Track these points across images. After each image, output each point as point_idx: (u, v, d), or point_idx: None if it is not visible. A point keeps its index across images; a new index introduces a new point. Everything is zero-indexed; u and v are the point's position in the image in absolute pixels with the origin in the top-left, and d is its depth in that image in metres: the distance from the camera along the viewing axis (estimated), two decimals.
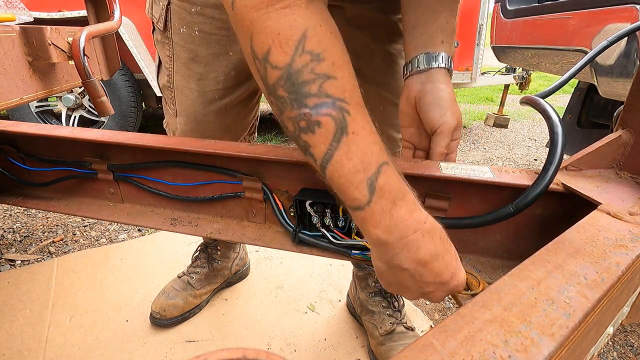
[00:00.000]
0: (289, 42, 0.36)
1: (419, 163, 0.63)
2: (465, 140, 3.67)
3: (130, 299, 1.27)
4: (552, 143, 0.53)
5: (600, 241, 0.41)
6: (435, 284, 0.44)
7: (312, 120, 0.37)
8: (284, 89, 0.37)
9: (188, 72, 0.83)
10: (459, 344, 0.27)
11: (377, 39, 0.80)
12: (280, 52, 0.36)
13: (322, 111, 0.37)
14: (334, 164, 0.38)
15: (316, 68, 0.36)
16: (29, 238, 1.67)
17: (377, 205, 0.40)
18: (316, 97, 0.37)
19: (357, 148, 0.38)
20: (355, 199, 0.40)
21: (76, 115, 2.87)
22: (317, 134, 0.38)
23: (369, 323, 1.12)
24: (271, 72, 0.37)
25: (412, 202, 0.42)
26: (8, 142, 0.87)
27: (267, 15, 0.35)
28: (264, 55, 0.37)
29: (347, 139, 0.38)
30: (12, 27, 0.89)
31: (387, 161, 0.40)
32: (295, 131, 0.39)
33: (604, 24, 1.44)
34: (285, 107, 0.38)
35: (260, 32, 0.36)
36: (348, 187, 0.39)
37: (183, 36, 0.80)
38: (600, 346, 0.45)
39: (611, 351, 1.21)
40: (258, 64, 0.38)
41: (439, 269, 0.43)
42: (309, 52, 0.36)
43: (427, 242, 0.42)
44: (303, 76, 0.36)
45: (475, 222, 0.57)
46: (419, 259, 0.42)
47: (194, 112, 0.86)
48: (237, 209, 0.78)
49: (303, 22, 0.36)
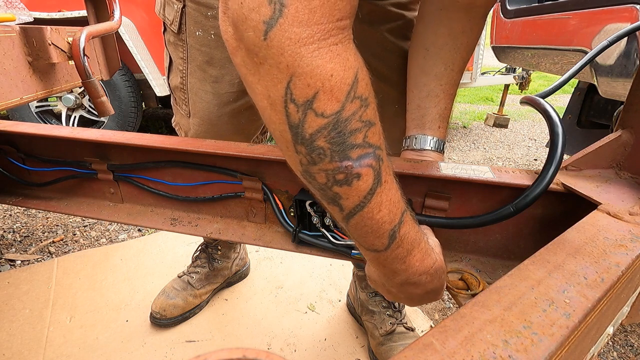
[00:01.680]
0: (342, 87, 0.31)
1: (419, 163, 0.63)
2: (465, 140, 3.67)
3: (130, 299, 1.27)
4: (552, 143, 0.53)
5: (600, 241, 0.41)
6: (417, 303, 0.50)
7: (352, 172, 0.34)
8: (326, 140, 0.32)
9: (203, 74, 0.83)
10: (459, 344, 0.27)
11: (393, 35, 0.79)
12: (330, 98, 0.31)
13: (364, 162, 0.34)
14: (362, 215, 0.37)
15: (364, 115, 0.33)
16: (29, 238, 1.67)
17: (394, 253, 0.41)
18: (360, 147, 0.33)
19: (387, 198, 0.37)
20: (374, 245, 0.40)
21: (76, 115, 2.86)
22: (354, 187, 0.35)
23: (369, 323, 1.12)
24: (313, 120, 0.31)
25: (424, 250, 0.43)
26: (8, 142, 0.87)
27: (319, 52, 0.29)
28: (307, 101, 0.31)
29: (380, 190, 0.36)
30: (12, 27, 0.89)
31: (406, 208, 0.40)
32: (327, 183, 0.35)
33: (604, 24, 1.44)
34: (321, 159, 0.33)
35: (307, 73, 0.30)
36: (369, 236, 0.39)
37: (198, 39, 0.80)
38: (600, 346, 0.45)
39: (611, 351, 1.21)
40: (292, 109, 0.31)
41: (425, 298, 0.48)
42: (359, 98, 0.32)
43: (428, 282, 0.45)
44: (351, 125, 0.32)
45: (475, 222, 0.57)
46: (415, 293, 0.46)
47: (209, 114, 0.87)
48: (237, 209, 0.78)
49: (355, 62, 0.32)
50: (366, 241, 0.40)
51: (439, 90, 0.68)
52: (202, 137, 0.91)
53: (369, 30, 0.77)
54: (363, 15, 0.76)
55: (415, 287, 0.45)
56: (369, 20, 0.77)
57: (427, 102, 0.69)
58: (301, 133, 0.32)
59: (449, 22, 0.65)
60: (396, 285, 0.45)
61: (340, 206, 0.36)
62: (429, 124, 0.69)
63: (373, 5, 0.76)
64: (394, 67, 0.82)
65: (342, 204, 0.36)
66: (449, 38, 0.65)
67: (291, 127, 0.32)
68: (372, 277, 0.50)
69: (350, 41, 0.32)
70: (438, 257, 0.46)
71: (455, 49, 0.66)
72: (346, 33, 0.31)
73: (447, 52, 0.66)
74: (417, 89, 0.70)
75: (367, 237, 0.39)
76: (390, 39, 0.79)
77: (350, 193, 0.35)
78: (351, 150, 0.33)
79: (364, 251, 0.42)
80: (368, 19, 0.77)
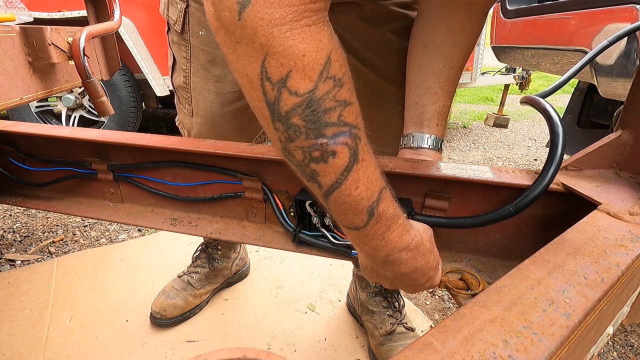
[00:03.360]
0: (314, 67, 0.32)
1: (419, 163, 0.63)
2: (465, 140, 3.67)
3: (130, 299, 1.27)
4: (552, 143, 0.53)
5: (600, 241, 0.41)
6: (411, 287, 0.51)
7: (327, 150, 0.35)
8: (301, 117, 0.33)
9: (206, 74, 0.83)
10: (459, 344, 0.27)
11: (396, 34, 0.79)
12: (303, 77, 0.32)
13: (339, 140, 0.35)
14: (340, 192, 0.37)
15: (338, 95, 0.34)
16: (29, 238, 1.67)
17: (373, 230, 0.41)
18: (335, 126, 0.34)
19: (364, 176, 0.38)
20: (353, 222, 0.41)
21: (76, 115, 2.86)
22: (330, 164, 0.36)
23: (369, 323, 1.12)
24: (288, 98, 0.32)
25: (402, 225, 0.44)
26: (8, 142, 0.87)
27: (291, 32, 0.30)
28: (281, 79, 0.32)
29: (357, 167, 0.37)
30: (12, 27, 0.89)
31: (385, 185, 0.41)
32: (304, 160, 0.36)
33: (604, 24, 1.44)
34: (297, 136, 0.34)
35: (280, 52, 0.31)
36: (348, 213, 0.40)
37: (201, 39, 0.80)
38: (600, 346, 0.45)
39: (611, 351, 1.21)
40: (268, 87, 0.33)
41: (416, 278, 0.48)
42: (332, 78, 0.33)
43: (409, 259, 0.46)
44: (325, 104, 0.33)
45: (475, 222, 0.57)
46: (400, 271, 0.46)
47: (211, 113, 0.87)
48: (237, 209, 0.78)
49: (328, 44, 0.32)
50: (346, 219, 0.41)
51: (437, 87, 0.67)
52: (205, 136, 0.91)
53: (372, 30, 0.77)
54: (366, 15, 0.76)
55: (398, 265, 0.46)
56: (372, 20, 0.77)
57: (425, 99, 0.68)
58: (277, 110, 0.34)
59: (448, 19, 0.65)
60: (380, 265, 0.46)
61: (318, 183, 0.38)
62: (427, 122, 0.68)
63: (376, 5, 0.76)
64: (397, 67, 0.81)
65: (320, 181, 0.37)
66: (447, 35, 0.65)
67: (268, 105, 0.34)
68: (362, 263, 0.52)
69: (324, 23, 0.32)
70: (419, 235, 0.47)
71: (454, 46, 0.66)
72: (320, 15, 0.32)
73: (445, 49, 0.66)
74: (415, 86, 0.70)
75: (347, 214, 0.40)
76: (393, 39, 0.79)
77: (327, 170, 0.36)
78: (325, 128, 0.34)
79: (345, 230, 0.43)
80: (371, 19, 0.76)
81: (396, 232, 0.43)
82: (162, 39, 0.93)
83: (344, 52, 0.35)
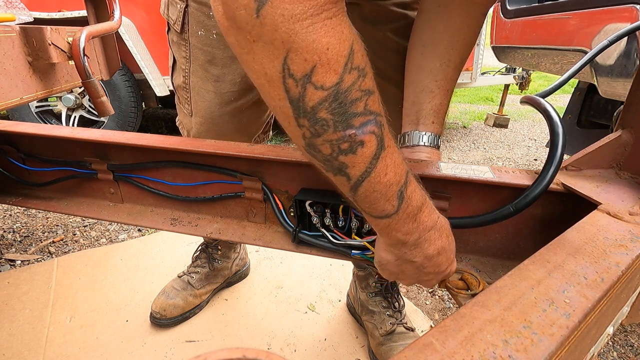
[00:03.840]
0: (338, 59, 0.31)
1: (419, 163, 0.63)
2: (465, 140, 3.67)
3: (130, 299, 1.27)
4: (552, 143, 0.53)
5: (600, 241, 0.41)
6: (433, 274, 0.50)
7: (356, 140, 0.35)
8: (328, 111, 0.33)
9: (205, 73, 0.84)
10: (459, 344, 0.27)
11: (396, 34, 0.79)
12: (328, 70, 0.31)
13: (367, 129, 0.35)
14: (370, 181, 0.37)
15: (362, 84, 0.34)
16: (29, 238, 1.67)
17: (404, 213, 0.42)
18: (362, 115, 0.34)
19: (391, 161, 0.38)
20: (385, 209, 0.41)
21: (76, 115, 2.86)
22: (359, 154, 0.35)
23: (369, 323, 1.12)
24: (313, 93, 0.32)
25: (430, 205, 0.45)
26: (8, 142, 0.87)
27: (313, 27, 0.30)
28: (305, 75, 0.31)
29: (384, 154, 0.37)
30: (12, 27, 0.89)
31: (409, 168, 0.42)
32: (332, 154, 0.36)
33: (604, 24, 1.44)
34: (325, 130, 0.34)
35: (303, 48, 0.30)
36: (380, 201, 0.40)
37: (201, 38, 0.81)
38: (600, 346, 0.45)
39: (611, 351, 1.21)
40: (291, 84, 0.32)
41: (440, 261, 0.48)
42: (356, 69, 0.33)
43: (437, 238, 0.46)
44: (351, 95, 0.33)
45: (475, 222, 0.57)
46: (428, 254, 0.46)
47: (210, 113, 0.87)
48: (237, 209, 0.78)
49: (349, 35, 0.32)
50: (377, 208, 0.40)
51: (433, 86, 0.68)
52: (204, 135, 0.91)
53: (372, 30, 0.77)
54: (366, 15, 0.76)
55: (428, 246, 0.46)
56: (371, 20, 0.77)
57: (422, 97, 0.69)
58: (302, 107, 0.33)
59: (447, 18, 0.65)
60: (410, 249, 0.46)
61: (347, 175, 0.37)
62: (423, 120, 0.69)
63: (376, 6, 0.76)
64: (397, 66, 0.81)
65: (349, 172, 0.37)
66: (445, 35, 0.66)
67: (291, 102, 0.33)
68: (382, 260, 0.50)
69: (343, 14, 0.32)
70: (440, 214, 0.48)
71: (451, 46, 0.66)
72: (339, 6, 0.32)
73: (443, 49, 0.66)
74: (413, 86, 0.70)
75: (378, 202, 0.40)
76: (393, 39, 0.79)
77: (356, 161, 0.36)
78: (353, 119, 0.34)
79: (375, 221, 0.43)
80: (371, 19, 0.77)
81: (426, 212, 0.44)
82: (162, 39, 0.93)
83: (363, 42, 0.35)
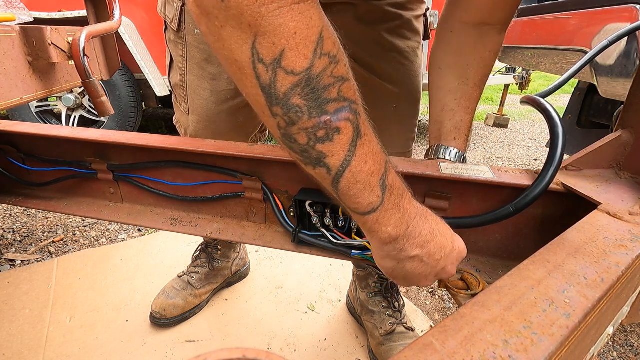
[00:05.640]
0: (307, 44, 0.31)
1: (419, 163, 0.63)
2: None
3: (130, 299, 1.27)
4: (552, 143, 0.53)
5: (600, 241, 0.41)
6: (443, 258, 0.47)
7: (332, 127, 0.34)
8: (301, 97, 0.33)
9: (201, 72, 0.84)
10: (459, 344, 0.27)
11: (391, 34, 0.80)
12: (298, 55, 0.31)
13: (342, 116, 0.34)
14: (352, 170, 0.37)
15: (335, 71, 0.33)
16: (29, 238, 1.67)
17: (389, 204, 0.41)
18: (336, 101, 0.34)
19: (370, 150, 0.38)
20: (371, 202, 0.40)
21: (76, 115, 2.86)
22: (336, 142, 0.35)
23: (369, 323, 1.12)
24: (284, 78, 0.32)
25: (408, 192, 0.44)
26: (8, 142, 0.87)
27: (279, 11, 0.30)
28: (275, 59, 0.31)
29: (362, 142, 0.37)
30: (12, 27, 0.89)
31: (388, 157, 0.41)
32: (308, 142, 0.35)
33: (604, 24, 1.44)
34: (300, 117, 0.34)
35: (270, 32, 0.30)
36: (364, 192, 0.39)
37: (197, 37, 0.81)
38: (600, 346, 0.45)
39: (611, 351, 1.21)
40: (262, 69, 0.32)
41: (440, 242, 0.46)
42: (327, 55, 0.33)
43: (424, 223, 0.45)
44: (324, 80, 0.33)
45: (475, 222, 0.57)
46: (422, 241, 0.45)
47: (207, 111, 0.87)
48: (237, 209, 0.78)
49: (318, 21, 0.32)
50: (362, 201, 0.39)
51: (453, 104, 0.69)
52: (201, 134, 0.91)
53: (366, 30, 0.78)
54: (361, 15, 0.76)
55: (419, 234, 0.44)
56: (366, 20, 0.77)
57: (443, 116, 0.70)
58: (275, 93, 0.33)
59: (458, 42, 0.67)
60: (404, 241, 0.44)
61: (327, 166, 0.37)
62: (444, 136, 0.70)
63: (371, 6, 0.76)
64: (392, 66, 0.82)
65: (329, 162, 0.36)
66: (459, 57, 0.68)
67: (263, 89, 0.33)
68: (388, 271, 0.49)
69: (314, 2, 0.32)
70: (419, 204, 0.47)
71: (466, 66, 0.68)
72: None
73: (459, 69, 0.68)
74: (434, 105, 0.72)
75: (362, 194, 0.39)
76: (387, 39, 0.80)
77: (334, 149, 0.35)
78: (327, 105, 0.34)
79: (364, 219, 0.42)
80: (366, 19, 0.77)
81: (407, 200, 0.43)
82: (162, 39, 0.93)
83: (335, 32, 0.34)
